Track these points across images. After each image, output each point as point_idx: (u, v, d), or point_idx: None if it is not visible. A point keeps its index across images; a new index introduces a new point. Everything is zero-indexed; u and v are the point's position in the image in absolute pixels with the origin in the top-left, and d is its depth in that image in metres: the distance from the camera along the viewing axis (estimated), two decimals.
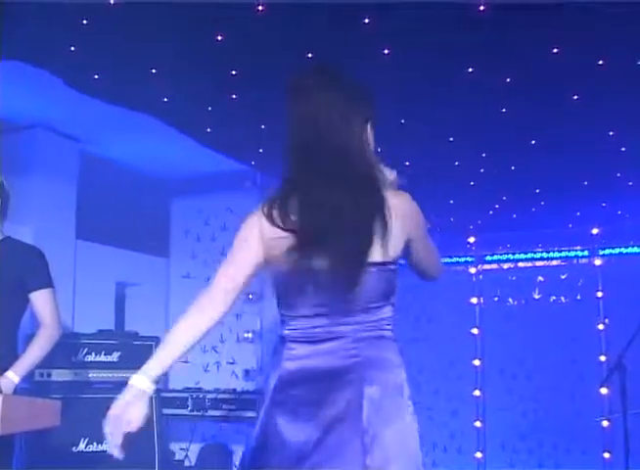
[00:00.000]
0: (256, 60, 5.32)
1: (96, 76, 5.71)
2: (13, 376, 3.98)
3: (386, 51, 5.14)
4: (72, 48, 5.24)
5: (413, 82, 5.81)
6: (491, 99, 6.13)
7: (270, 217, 2.64)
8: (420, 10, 4.59)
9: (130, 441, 6.11)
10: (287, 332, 2.72)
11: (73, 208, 7.47)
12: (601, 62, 5.33)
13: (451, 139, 6.98)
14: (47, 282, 4.21)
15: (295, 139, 2.79)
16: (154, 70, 5.53)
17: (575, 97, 6.05)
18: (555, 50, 5.11)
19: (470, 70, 5.46)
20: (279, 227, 2.63)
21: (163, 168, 8.40)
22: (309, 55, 5.15)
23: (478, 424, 9.91)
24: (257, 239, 2.68)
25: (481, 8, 4.52)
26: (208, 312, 2.65)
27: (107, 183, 8.02)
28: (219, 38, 4.91)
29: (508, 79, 5.71)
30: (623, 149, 7.27)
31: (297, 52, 5.09)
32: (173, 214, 9.00)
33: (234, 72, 5.49)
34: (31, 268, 4.17)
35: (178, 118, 6.71)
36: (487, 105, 6.25)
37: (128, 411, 2.53)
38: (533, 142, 7.04)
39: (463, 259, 10.61)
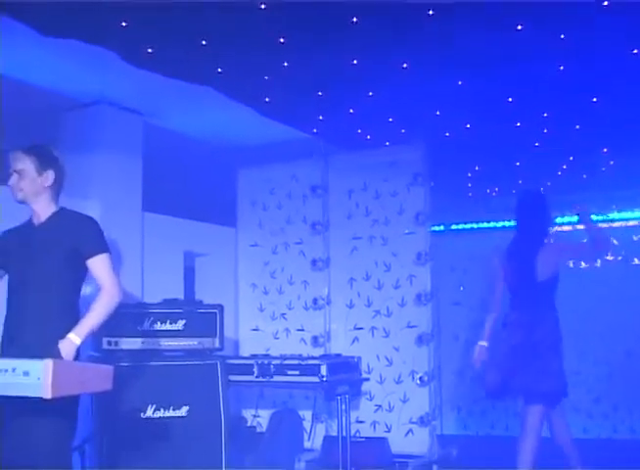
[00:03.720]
0: (303, 28, 5.33)
1: (149, 50, 5.79)
2: (74, 338, 4.08)
3: (430, 12, 5.08)
4: (124, 23, 5.32)
5: (466, 43, 5.74)
6: (548, 57, 6.03)
7: None
8: None
9: (197, 406, 6.27)
10: None
11: (139, 180, 7.56)
12: None
13: (510, 100, 6.90)
14: (102, 248, 4.30)
15: None
16: (204, 42, 5.58)
17: (635, 51, 5.91)
18: (605, 2, 5.00)
19: (519, 27, 5.37)
20: None
21: (227, 139, 8.44)
22: (354, 19, 5.15)
23: None
24: None
25: None
26: None
27: (172, 155, 8.12)
28: (262, 6, 4.93)
29: (562, 36, 5.60)
30: None
31: (341, 17, 5.09)
32: (240, 184, 9.07)
33: (282, 40, 5.51)
34: (86, 236, 4.27)
35: (235, 89, 6.76)
36: (544, 64, 6.16)
37: None
38: (595, 100, 6.91)
39: None
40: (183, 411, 6.39)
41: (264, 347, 8.43)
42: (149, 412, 6.27)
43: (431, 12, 5.12)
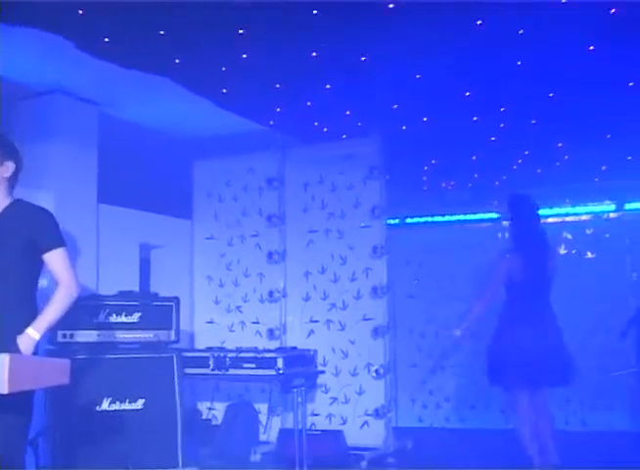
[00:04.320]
0: (262, 20, 5.31)
1: (106, 40, 5.73)
2: (33, 333, 4.02)
3: (391, 5, 5.09)
4: (81, 12, 5.26)
5: (425, 36, 5.75)
6: (505, 52, 6.07)
7: None
8: None
9: (153, 399, 6.23)
10: None
11: (95, 171, 7.48)
12: (613, 10, 5.26)
13: (467, 94, 6.93)
14: (59, 241, 4.23)
15: None
16: (162, 32, 5.53)
17: (592, 47, 5.97)
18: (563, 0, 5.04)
19: (479, 22, 5.40)
20: None
21: (184, 130, 8.39)
22: (314, 12, 5.13)
23: None
24: None
25: None
26: None
27: (127, 146, 8.03)
28: None
29: (521, 31, 5.64)
30: None
31: (301, 9, 5.08)
32: (195, 176, 9.02)
33: (241, 32, 5.48)
34: (42, 229, 4.20)
35: (192, 80, 6.72)
36: (502, 59, 6.20)
37: None
38: (552, 95, 6.97)
39: (488, 216, 10.58)
40: (139, 404, 6.35)
41: (220, 339, 8.40)
42: (104, 405, 6.23)
43: (391, 5, 5.12)
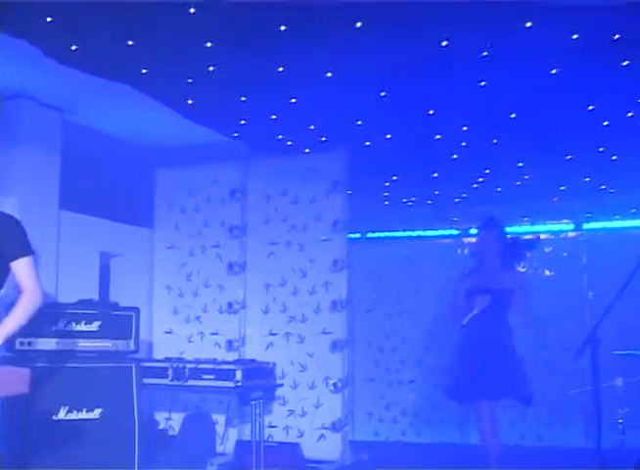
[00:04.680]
0: (230, 32, 5.34)
1: (74, 47, 5.72)
2: None
3: (358, 24, 5.15)
4: (49, 19, 5.25)
5: (390, 55, 5.82)
6: (469, 72, 6.16)
7: None
8: None
9: (110, 409, 6.21)
10: None
11: (57, 178, 7.45)
12: (575, 36, 5.36)
13: (431, 112, 7.01)
14: (27, 250, 4.23)
15: None
16: (130, 42, 5.54)
17: (554, 71, 6.08)
18: (528, 24, 5.13)
19: (444, 43, 5.48)
20: None
21: (148, 139, 8.40)
22: (282, 28, 5.18)
23: None
24: None
25: None
26: None
27: (91, 153, 8.01)
28: (192, 11, 4.93)
29: (485, 53, 5.73)
30: (606, 123, 7.32)
31: (270, 25, 5.13)
32: (158, 186, 9.00)
33: (209, 45, 5.51)
34: (9, 237, 4.19)
35: (158, 90, 6.73)
36: (465, 78, 6.29)
37: None
38: (514, 116, 7.08)
39: (448, 233, 10.69)
40: (96, 414, 6.32)
41: (178, 350, 8.37)
42: (61, 414, 6.19)
43: (358, 24, 5.18)
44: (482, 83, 6.34)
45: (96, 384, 6.39)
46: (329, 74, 6.24)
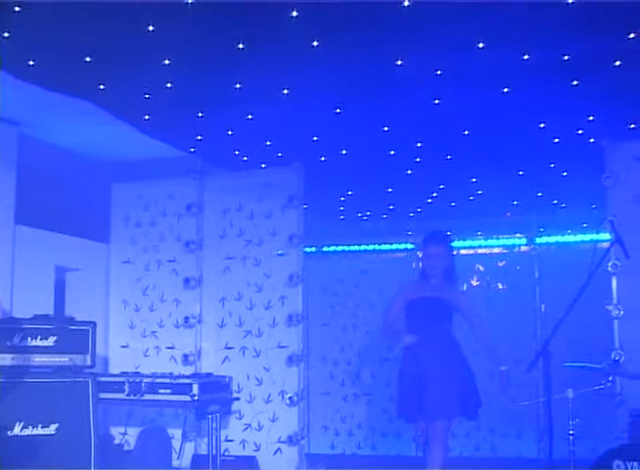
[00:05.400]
0: (188, 50, 5.40)
1: (31, 63, 5.74)
2: None
3: (315, 43, 5.23)
4: (6, 34, 5.27)
5: (345, 72, 5.91)
6: (424, 90, 6.27)
7: None
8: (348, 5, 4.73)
9: (66, 424, 6.17)
10: None
11: (13, 192, 7.43)
12: (526, 56, 5.49)
13: (386, 129, 7.11)
14: None
15: None
16: (88, 59, 5.57)
17: (506, 89, 6.21)
18: (481, 45, 5.25)
19: (399, 62, 5.58)
20: None
21: (104, 153, 8.40)
22: (240, 46, 5.24)
23: None
24: None
25: (406, 3, 4.64)
26: None
27: (47, 167, 7.99)
28: (150, 29, 4.98)
29: (439, 72, 5.84)
30: (556, 140, 7.47)
31: (227, 43, 5.19)
32: (113, 200, 8.99)
33: (167, 62, 5.56)
34: None
35: (115, 105, 6.76)
36: (420, 96, 6.40)
37: None
38: (467, 132, 7.20)
39: (403, 247, 10.80)
40: (52, 429, 6.28)
41: (134, 364, 8.37)
42: (16, 430, 6.14)
43: (315, 43, 5.26)
44: (436, 101, 6.46)
45: (52, 399, 6.35)
46: (285, 91, 6.31)
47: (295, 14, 4.81)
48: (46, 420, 6.27)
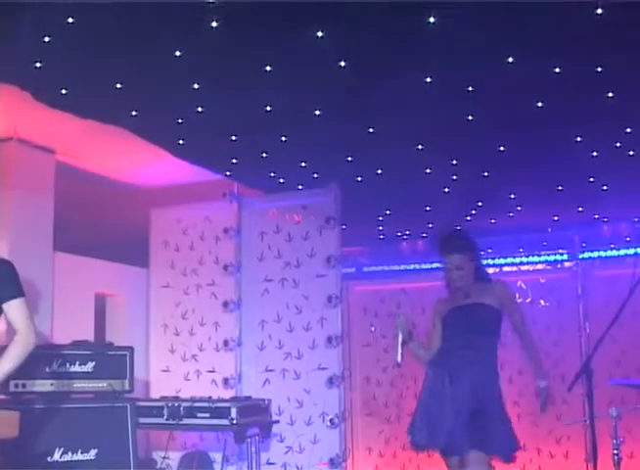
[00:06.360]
0: (216, 73, 5.43)
1: (63, 91, 5.80)
2: None
3: (342, 63, 5.22)
4: (38, 64, 5.33)
5: (377, 92, 5.89)
6: (457, 107, 6.22)
7: None
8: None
9: (106, 449, 6.18)
10: None
11: (51, 219, 7.51)
12: (558, 69, 5.43)
13: (420, 147, 7.07)
14: (19, 292, 4.30)
15: None
16: (119, 85, 5.61)
17: (540, 104, 6.14)
18: (510, 59, 5.20)
19: (428, 79, 5.54)
20: None
21: (141, 179, 8.47)
22: (268, 68, 5.25)
23: None
24: None
25: (431, 20, 4.61)
26: None
27: (84, 194, 8.09)
28: (177, 54, 5.01)
29: (470, 88, 5.79)
30: (594, 154, 7.37)
31: (254, 65, 5.20)
32: (152, 225, 9.04)
33: (196, 86, 5.58)
34: (1, 280, 4.26)
35: (149, 131, 6.80)
36: (453, 113, 6.35)
37: None
38: (502, 149, 7.13)
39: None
40: (92, 454, 6.31)
41: (175, 388, 8.37)
42: (56, 456, 6.17)
43: (342, 63, 5.25)
44: (470, 117, 6.41)
45: (91, 424, 6.38)
46: (318, 112, 6.30)
47: (320, 34, 4.79)
48: (85, 446, 6.31)
